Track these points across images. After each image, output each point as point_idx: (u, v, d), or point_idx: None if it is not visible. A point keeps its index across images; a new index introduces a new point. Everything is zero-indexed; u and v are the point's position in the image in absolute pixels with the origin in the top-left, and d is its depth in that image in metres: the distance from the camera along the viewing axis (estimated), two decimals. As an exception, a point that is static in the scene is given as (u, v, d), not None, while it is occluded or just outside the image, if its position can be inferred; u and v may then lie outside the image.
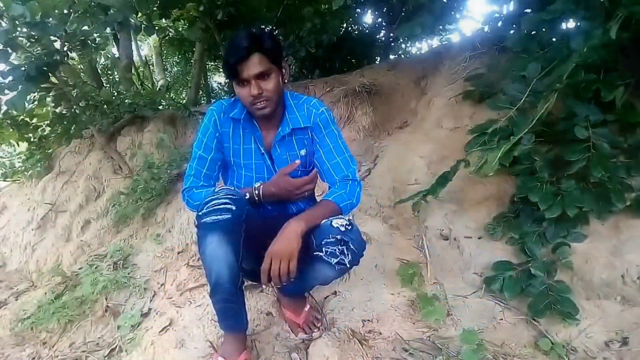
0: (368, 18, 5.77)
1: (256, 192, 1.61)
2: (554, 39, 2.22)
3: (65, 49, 3.26)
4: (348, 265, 1.51)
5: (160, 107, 4.45)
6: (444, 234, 2.26)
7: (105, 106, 3.87)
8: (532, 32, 2.29)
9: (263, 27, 1.48)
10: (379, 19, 5.51)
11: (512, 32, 2.71)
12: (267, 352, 1.73)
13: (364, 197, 2.84)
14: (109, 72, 6.98)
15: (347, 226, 1.50)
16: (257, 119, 1.63)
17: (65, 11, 3.19)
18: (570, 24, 2.36)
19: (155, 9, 4.26)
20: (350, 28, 5.74)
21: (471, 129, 2.21)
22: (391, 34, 5.31)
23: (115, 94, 4.20)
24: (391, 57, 5.53)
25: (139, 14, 4.11)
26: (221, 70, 9.19)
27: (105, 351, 2.08)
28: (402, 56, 5.72)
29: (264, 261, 1.42)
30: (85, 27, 3.24)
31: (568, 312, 1.72)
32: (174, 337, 1.91)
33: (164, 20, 5.31)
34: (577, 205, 1.83)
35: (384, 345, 1.70)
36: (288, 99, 1.67)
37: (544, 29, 2.23)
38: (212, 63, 8.19)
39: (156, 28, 4.14)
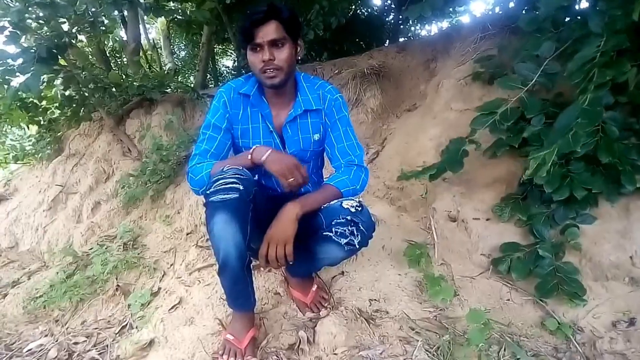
0: (377, 0, 5.71)
1: (254, 149, 1.51)
2: (567, 19, 2.18)
3: (74, 30, 3.26)
4: (357, 246, 1.53)
5: (169, 90, 4.46)
6: (451, 216, 2.25)
7: (113, 89, 3.88)
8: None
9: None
10: (388, 1, 5.46)
11: (524, 12, 2.66)
12: (275, 330, 1.75)
13: (372, 179, 2.84)
14: (117, 55, 6.97)
15: (357, 207, 1.52)
16: (267, 96, 1.63)
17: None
18: (584, 3, 2.32)
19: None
20: (358, 10, 5.68)
21: (478, 107, 2.18)
22: (400, 16, 5.25)
23: (124, 76, 4.19)
24: (400, 39, 5.48)
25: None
26: (229, 53, 9.18)
27: (116, 328, 2.12)
28: (412, 38, 5.67)
29: (262, 245, 1.46)
30: (94, 9, 3.23)
31: (575, 292, 1.72)
32: (184, 315, 1.94)
33: (171, 2, 5.29)
34: (586, 187, 1.81)
35: (391, 324, 1.71)
36: (301, 80, 1.66)
37: (557, 9, 2.19)
38: (220, 46, 8.15)
39: (165, 9, 4.11)
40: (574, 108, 1.75)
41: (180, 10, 5.04)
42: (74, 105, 3.94)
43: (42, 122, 4.35)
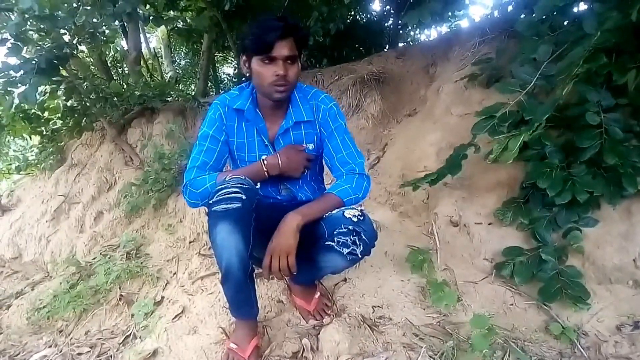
0: (376, 5, 5.71)
1: (265, 162, 1.60)
2: (565, 22, 2.18)
3: (74, 41, 3.29)
4: (359, 256, 1.53)
5: (170, 99, 4.48)
6: (453, 221, 2.25)
7: (115, 98, 3.90)
8: (544, 16, 2.26)
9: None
10: (387, 6, 5.46)
11: (522, 16, 2.67)
12: (278, 338, 1.75)
13: (373, 185, 2.84)
14: (118, 64, 7.00)
15: (359, 217, 1.52)
16: (261, 109, 1.63)
17: (74, 4, 3.21)
18: (582, 6, 2.32)
19: (162, -1, 4.27)
20: (358, 16, 5.70)
21: (478, 112, 2.18)
22: (399, 21, 5.26)
23: (125, 86, 4.22)
24: (400, 44, 5.48)
25: (147, 5, 4.12)
26: (230, 61, 9.21)
27: (119, 338, 2.12)
28: (411, 43, 5.67)
29: (265, 257, 1.46)
30: (94, 20, 3.25)
31: (579, 296, 1.71)
32: (187, 324, 1.94)
33: (171, 11, 5.32)
34: (588, 190, 1.80)
35: (395, 331, 1.71)
36: (294, 92, 1.65)
37: (555, 13, 2.20)
38: (221, 54, 8.17)
39: (164, 19, 4.13)
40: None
41: (180, 19, 5.07)
42: (76, 115, 3.97)
43: (44, 133, 4.39)
